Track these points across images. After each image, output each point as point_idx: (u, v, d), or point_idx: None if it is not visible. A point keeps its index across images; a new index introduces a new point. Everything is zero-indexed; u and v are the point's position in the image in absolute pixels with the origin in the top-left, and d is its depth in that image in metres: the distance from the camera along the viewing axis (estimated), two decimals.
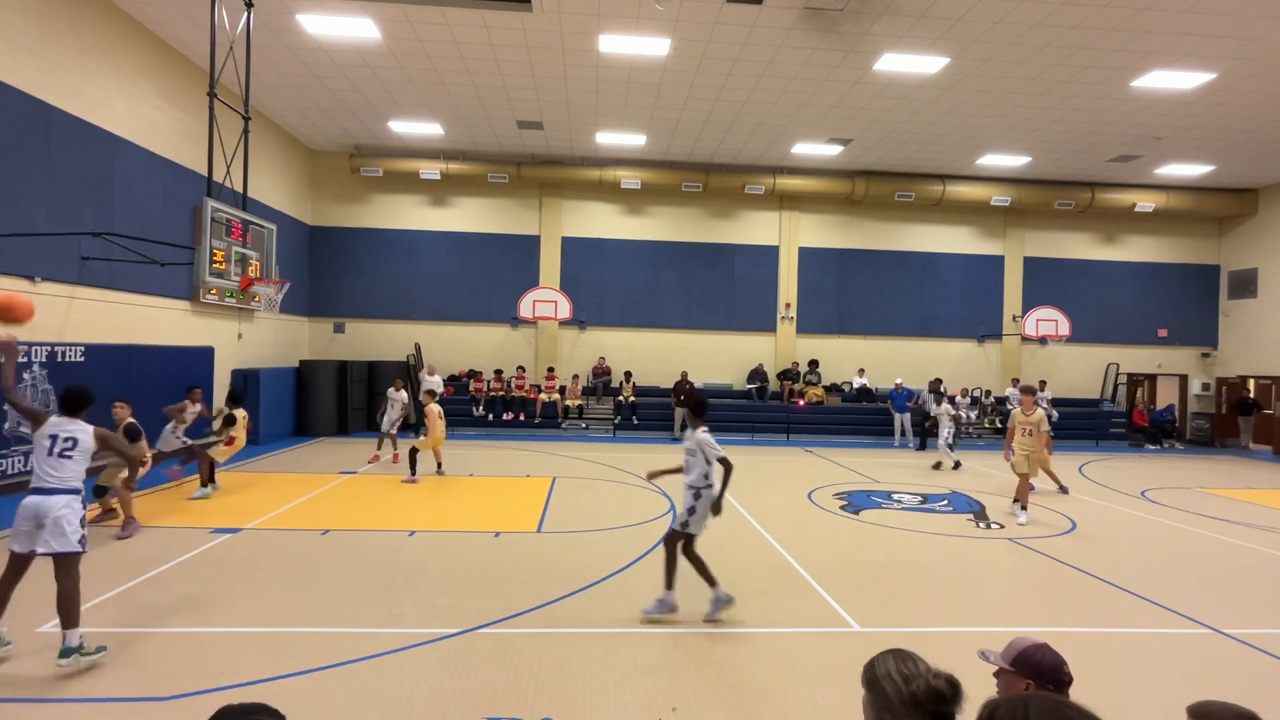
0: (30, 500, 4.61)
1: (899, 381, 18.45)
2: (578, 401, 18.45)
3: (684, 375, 18.31)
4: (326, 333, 19.07)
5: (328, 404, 16.76)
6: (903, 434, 17.95)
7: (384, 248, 19.13)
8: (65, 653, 4.32)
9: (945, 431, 14.06)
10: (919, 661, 1.74)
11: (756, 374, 19.51)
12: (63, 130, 10.07)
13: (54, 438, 4.75)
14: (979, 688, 1.72)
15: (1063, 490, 11.53)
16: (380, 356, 18.66)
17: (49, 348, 9.67)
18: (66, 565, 4.51)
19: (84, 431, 4.85)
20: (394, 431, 13.27)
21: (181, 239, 12.60)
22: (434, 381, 17.20)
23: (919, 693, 1.66)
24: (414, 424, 16.68)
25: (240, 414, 10.19)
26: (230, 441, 10.05)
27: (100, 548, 7.06)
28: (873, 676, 1.74)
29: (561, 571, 6.67)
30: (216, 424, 10.49)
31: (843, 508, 10.05)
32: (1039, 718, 1.45)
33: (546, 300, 18.64)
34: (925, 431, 16.95)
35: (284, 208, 17.09)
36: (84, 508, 4.74)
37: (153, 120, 12.11)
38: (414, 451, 11.13)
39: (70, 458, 4.74)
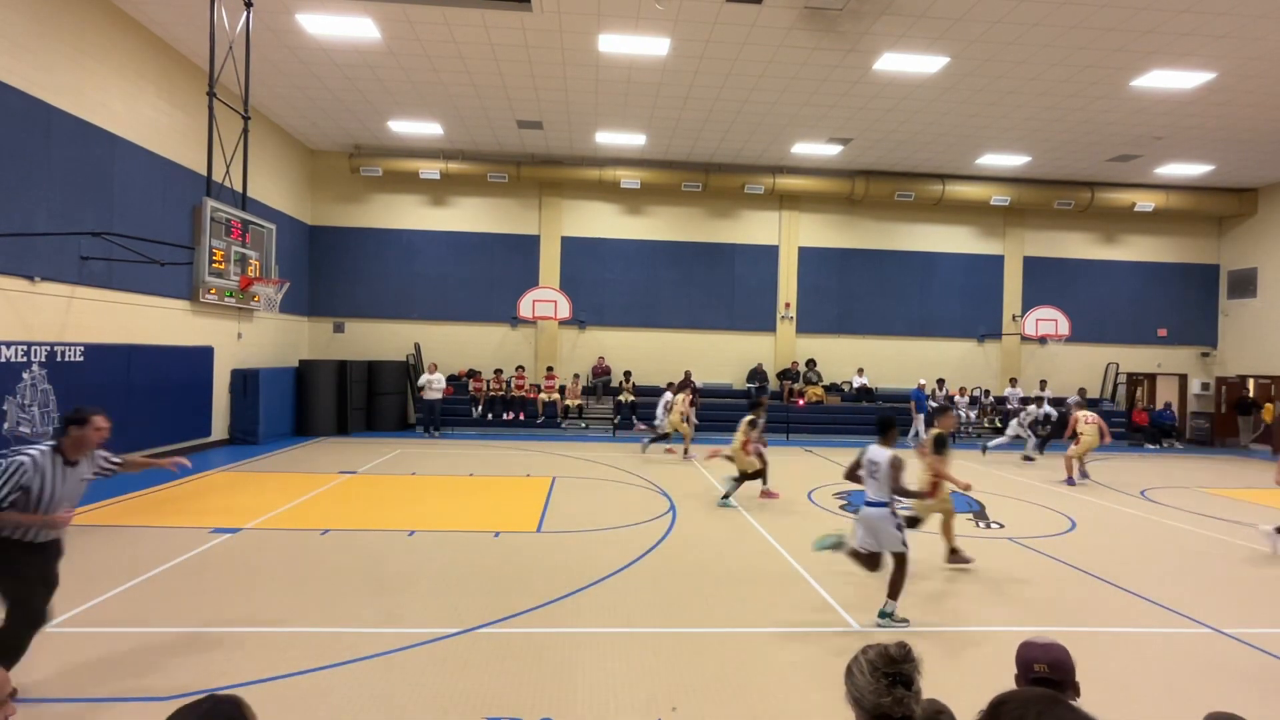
0: (861, 511, 5.88)
1: (922, 382, 18.37)
2: (577, 401, 18.45)
3: (687, 374, 18.30)
4: (326, 332, 19.07)
5: (327, 404, 16.77)
6: (916, 434, 17.81)
7: (384, 248, 19.13)
8: (881, 614, 5.57)
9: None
10: (878, 644, 1.92)
11: (756, 374, 19.51)
12: (63, 130, 10.07)
13: (868, 461, 5.86)
14: (977, 687, 1.73)
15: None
16: (380, 356, 18.66)
17: (49, 347, 9.67)
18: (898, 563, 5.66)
19: (883, 454, 5.77)
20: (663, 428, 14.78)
21: (181, 239, 12.60)
22: (437, 379, 17.18)
23: (874, 659, 1.86)
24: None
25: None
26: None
27: (104, 550, 7.06)
28: (846, 669, 1.93)
29: (561, 571, 6.66)
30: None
31: (842, 507, 10.05)
32: (1019, 710, 1.48)
33: (546, 300, 18.65)
34: (1046, 436, 16.66)
35: (284, 208, 17.08)
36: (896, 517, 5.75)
37: (153, 120, 12.10)
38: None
39: (876, 479, 5.77)
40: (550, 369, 18.95)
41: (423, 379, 17.24)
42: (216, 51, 10.10)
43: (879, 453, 5.77)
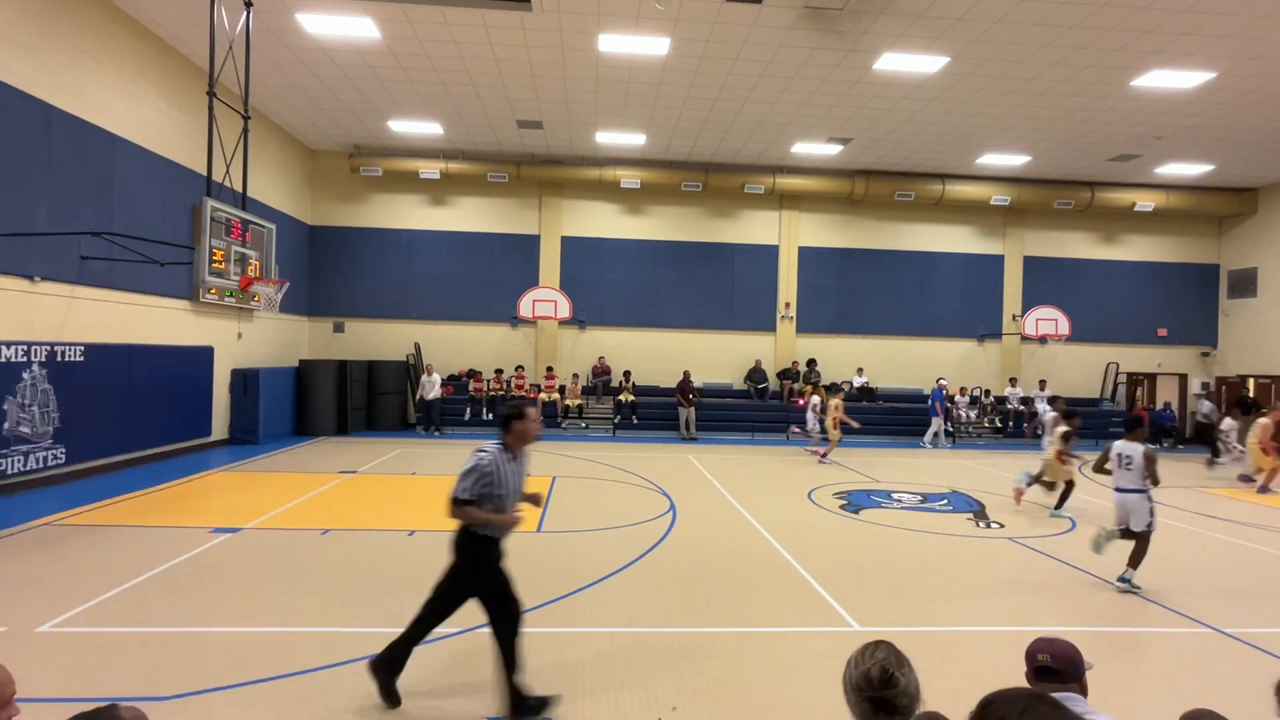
0: (1117, 497, 6.91)
1: (943, 381, 18.31)
2: (577, 401, 18.45)
3: (686, 375, 18.31)
4: (326, 332, 19.07)
5: (327, 404, 16.77)
6: (935, 435, 17.74)
7: (384, 247, 19.13)
8: (1120, 579, 6.68)
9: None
10: (880, 651, 1.81)
11: (755, 372, 19.49)
12: (63, 130, 10.07)
13: (1119, 455, 6.88)
14: (974, 686, 1.72)
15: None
16: (380, 356, 18.66)
17: (49, 347, 9.67)
18: (1140, 537, 6.74)
19: (1137, 449, 6.76)
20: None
21: (181, 239, 12.60)
22: (434, 380, 17.35)
23: (857, 677, 1.77)
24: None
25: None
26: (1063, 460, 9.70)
27: (104, 550, 7.06)
28: (846, 669, 1.84)
29: (561, 571, 6.67)
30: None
31: (843, 507, 10.05)
32: (1003, 709, 1.49)
33: (546, 300, 18.65)
34: (1214, 442, 16.13)
35: (283, 207, 17.09)
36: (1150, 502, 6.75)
37: (152, 120, 12.10)
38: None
39: (1129, 470, 6.75)
40: (550, 369, 18.95)
41: (422, 381, 17.42)
42: (216, 51, 10.10)
43: (1130, 447, 6.76)
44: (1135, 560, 6.67)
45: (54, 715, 3.88)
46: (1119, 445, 6.88)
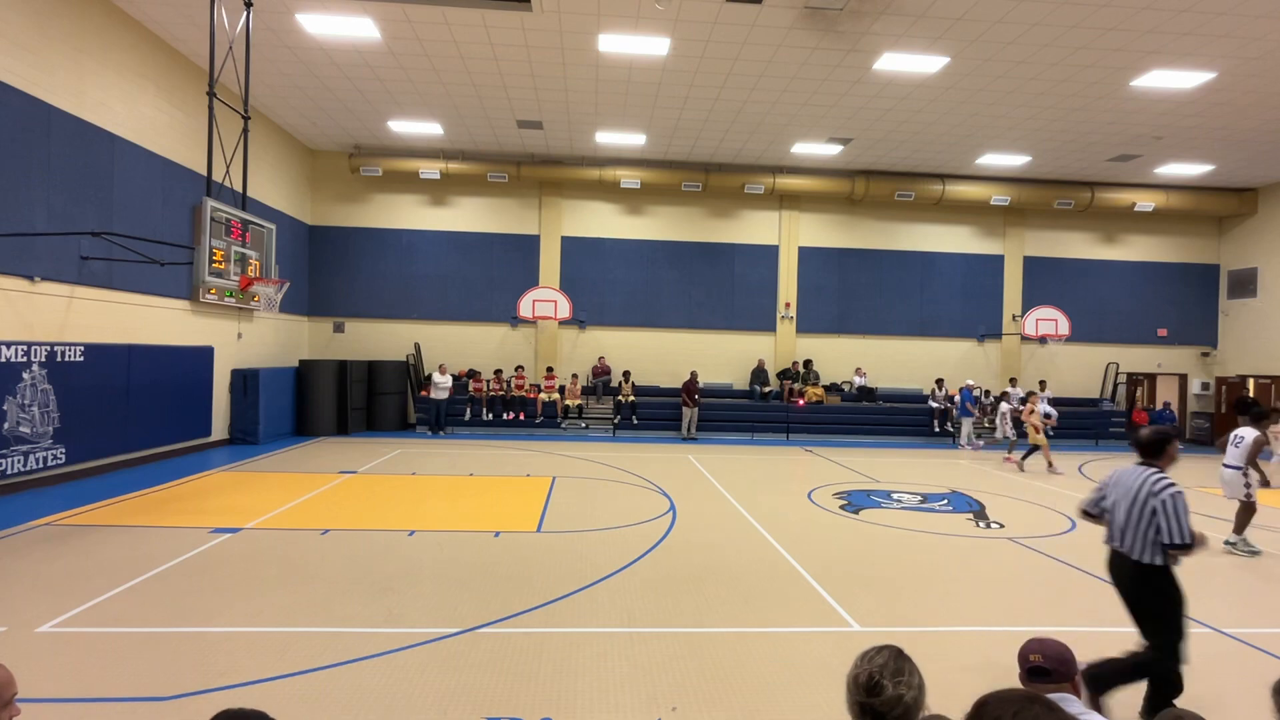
0: (1220, 470, 8.09)
1: (970, 383, 18.27)
2: (577, 401, 18.45)
3: (693, 375, 18.31)
4: (326, 332, 19.07)
5: (327, 404, 16.77)
6: (969, 438, 17.64)
7: (384, 247, 19.13)
8: (1226, 541, 7.89)
9: None
10: (881, 657, 1.85)
11: (758, 373, 19.50)
12: (63, 130, 10.07)
13: (1234, 435, 7.96)
14: (973, 686, 1.73)
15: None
16: (380, 356, 18.67)
17: (49, 347, 9.67)
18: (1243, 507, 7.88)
19: (1249, 433, 7.81)
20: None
21: (181, 239, 12.60)
22: (445, 380, 17.41)
23: (850, 682, 1.84)
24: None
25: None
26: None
27: (104, 550, 7.06)
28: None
29: (561, 571, 6.67)
30: None
31: (842, 507, 10.05)
32: (997, 710, 1.50)
33: (546, 300, 18.66)
34: None
35: (283, 207, 17.09)
36: (1245, 478, 7.84)
37: (153, 120, 12.10)
38: None
39: (1237, 448, 7.89)
40: (550, 369, 18.95)
41: (434, 378, 17.41)
42: (216, 51, 10.09)
43: (1247, 431, 7.78)
44: (1237, 526, 7.80)
45: (54, 715, 3.89)
46: (1239, 429, 7.93)
